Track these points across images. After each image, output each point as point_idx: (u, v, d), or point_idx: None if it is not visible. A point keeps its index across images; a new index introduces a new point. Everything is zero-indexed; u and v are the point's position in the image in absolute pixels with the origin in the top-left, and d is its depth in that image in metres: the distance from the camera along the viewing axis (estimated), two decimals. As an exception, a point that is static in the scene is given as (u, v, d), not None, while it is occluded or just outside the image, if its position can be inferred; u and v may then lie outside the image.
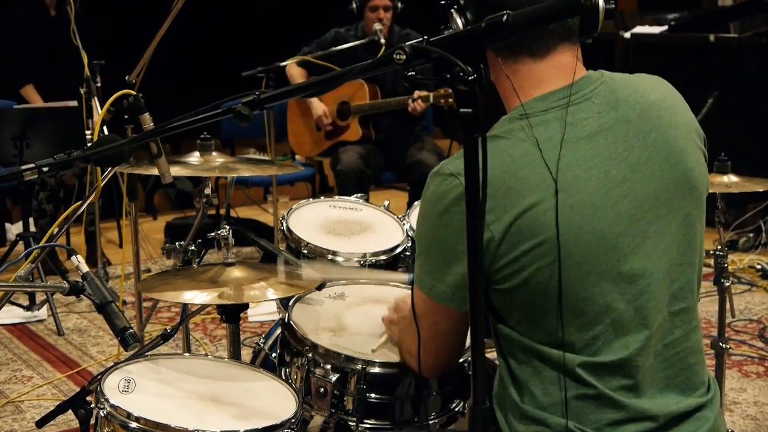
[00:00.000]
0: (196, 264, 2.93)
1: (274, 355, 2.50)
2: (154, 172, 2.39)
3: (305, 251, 2.76)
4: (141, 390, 2.03)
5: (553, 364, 1.72)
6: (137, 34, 3.81)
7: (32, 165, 1.76)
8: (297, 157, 6.49)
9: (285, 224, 2.87)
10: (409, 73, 1.44)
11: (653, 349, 1.75)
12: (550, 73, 1.74)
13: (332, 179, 5.80)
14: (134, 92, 2.24)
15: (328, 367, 2.16)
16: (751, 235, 5.80)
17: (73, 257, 1.92)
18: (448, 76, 1.37)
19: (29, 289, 4.42)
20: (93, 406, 2.00)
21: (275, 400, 2.06)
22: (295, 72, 5.60)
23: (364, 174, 5.47)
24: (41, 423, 2.27)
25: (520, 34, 1.44)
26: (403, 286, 2.60)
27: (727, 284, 3.21)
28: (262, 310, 4.62)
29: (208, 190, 3.14)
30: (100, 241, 5.49)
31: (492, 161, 1.65)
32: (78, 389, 2.11)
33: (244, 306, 2.49)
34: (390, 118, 5.44)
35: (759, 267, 5.39)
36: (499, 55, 1.75)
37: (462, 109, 1.35)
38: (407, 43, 1.40)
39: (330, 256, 2.75)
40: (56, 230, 2.15)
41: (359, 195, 3.21)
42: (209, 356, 2.28)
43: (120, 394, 2.00)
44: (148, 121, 2.23)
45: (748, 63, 5.97)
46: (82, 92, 4.86)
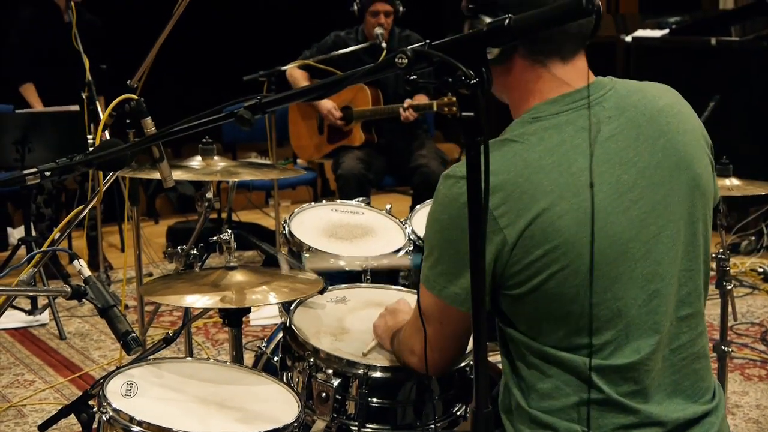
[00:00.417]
0: (198, 268, 2.93)
1: (276, 359, 2.50)
2: (156, 176, 2.39)
3: (307, 255, 2.77)
4: (143, 394, 2.03)
5: (564, 368, 1.72)
6: (139, 38, 3.81)
7: (34, 169, 1.76)
8: (298, 161, 6.49)
9: (287, 228, 2.87)
10: (411, 77, 1.44)
11: (661, 354, 1.75)
12: (572, 76, 1.75)
13: (334, 183, 5.81)
14: (136, 97, 2.24)
15: (330, 371, 2.15)
16: (753, 239, 5.80)
17: (75, 261, 1.92)
18: (450, 80, 1.36)
19: (31, 294, 4.44)
20: (95, 410, 2.00)
21: (277, 405, 2.06)
22: (297, 75, 5.60)
23: (366, 178, 5.47)
24: (44, 427, 2.27)
25: (521, 39, 1.44)
26: (404, 290, 2.60)
27: (729, 287, 3.20)
28: (264, 314, 4.62)
29: (209, 194, 3.14)
30: (102, 245, 5.50)
31: (506, 165, 1.66)
32: (80, 393, 2.11)
33: (246, 310, 2.49)
34: (392, 122, 5.45)
35: (761, 270, 5.39)
36: (531, 56, 1.75)
37: (464, 113, 1.35)
38: (409, 47, 1.40)
39: (332, 260, 2.75)
40: (58, 234, 2.15)
41: (361, 199, 3.21)
42: (211, 360, 2.28)
43: (122, 398, 2.00)
44: (149, 125, 2.23)
45: (750, 66, 5.97)
46: (84, 97, 4.86)
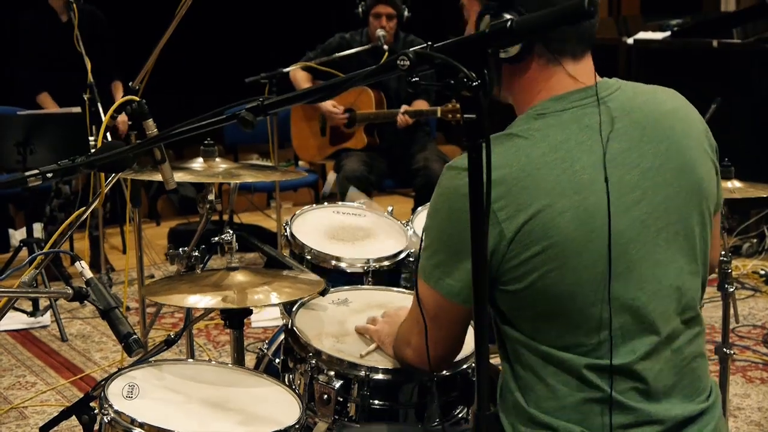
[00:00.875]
0: (200, 269, 2.93)
1: (277, 361, 2.50)
2: (158, 177, 2.39)
3: (309, 257, 2.77)
4: (145, 396, 2.03)
5: (561, 367, 1.72)
6: (140, 40, 3.81)
7: (36, 171, 1.76)
8: (300, 163, 6.49)
9: (288, 230, 2.87)
10: (413, 79, 1.44)
11: (663, 355, 1.75)
12: (582, 75, 1.76)
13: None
14: (138, 98, 2.24)
15: (332, 373, 2.15)
16: (755, 241, 5.79)
17: (77, 263, 1.92)
18: (452, 82, 1.36)
19: (33, 295, 4.43)
20: (97, 411, 2.00)
21: (279, 407, 2.06)
22: (300, 76, 5.60)
23: (368, 180, 5.47)
24: (45, 429, 2.27)
25: (523, 41, 1.44)
26: (406, 292, 2.60)
27: (731, 290, 3.20)
28: (266, 316, 4.62)
29: (211, 196, 3.14)
30: (104, 247, 5.50)
31: (508, 160, 1.66)
32: (82, 395, 2.11)
33: (248, 311, 2.49)
34: (394, 125, 5.45)
35: (762, 272, 5.38)
36: (548, 54, 1.74)
37: (466, 115, 1.35)
38: (411, 49, 1.40)
39: (333, 262, 2.75)
40: (60, 236, 2.15)
41: (362, 201, 3.21)
42: (213, 362, 2.28)
43: (124, 399, 2.00)
44: (151, 127, 2.23)
45: (751, 68, 5.97)
46: (86, 98, 4.86)
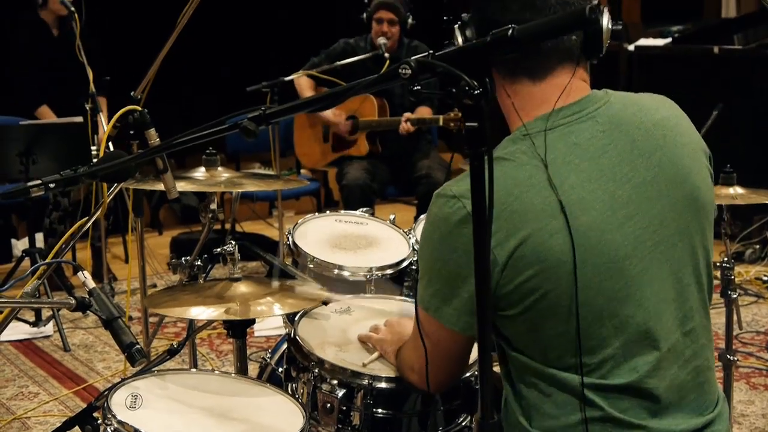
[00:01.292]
0: (202, 279, 2.93)
1: (280, 370, 2.50)
2: (160, 187, 2.39)
3: (311, 266, 2.76)
4: (148, 406, 2.03)
5: (563, 387, 1.70)
6: (142, 49, 3.82)
7: (38, 181, 1.76)
8: (302, 171, 6.49)
9: (291, 239, 2.87)
10: (415, 88, 1.44)
11: (668, 372, 1.73)
12: (550, 94, 1.73)
13: (338, 193, 5.81)
14: (140, 108, 2.24)
15: (335, 382, 2.15)
16: (758, 247, 5.79)
17: (80, 273, 1.92)
18: (454, 90, 1.36)
19: (36, 306, 4.42)
20: (100, 422, 2.00)
21: (282, 416, 2.06)
22: (304, 82, 5.61)
23: (370, 188, 5.47)
24: (48, 439, 2.27)
25: (524, 49, 1.44)
26: (409, 300, 2.60)
27: (734, 296, 3.20)
28: (268, 325, 4.61)
29: (213, 205, 3.14)
30: (106, 257, 5.49)
31: (495, 184, 1.64)
32: (85, 405, 2.10)
33: (251, 321, 2.49)
34: (396, 132, 5.45)
35: (765, 279, 5.35)
36: (499, 74, 1.75)
37: (468, 123, 1.35)
38: (413, 58, 1.40)
39: (336, 271, 2.75)
40: (62, 246, 2.15)
41: (365, 209, 3.21)
42: (216, 371, 2.28)
43: (127, 410, 2.00)
44: (153, 136, 2.23)
45: (752, 74, 5.98)
46: (88, 108, 4.87)
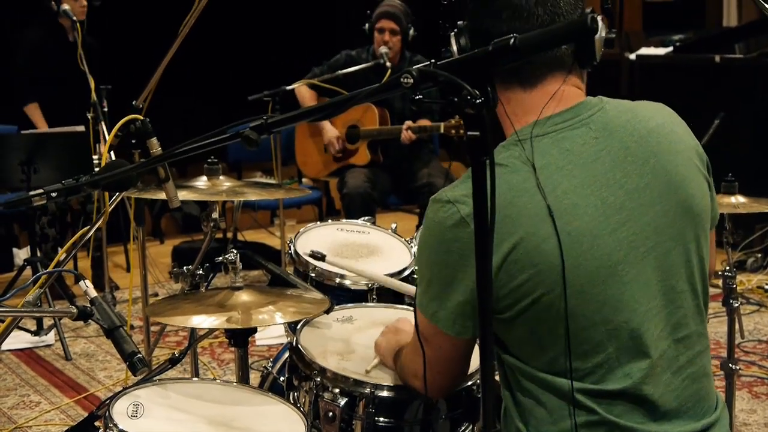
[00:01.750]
0: (204, 288, 2.93)
1: (282, 379, 2.50)
2: (162, 196, 2.40)
3: (313, 275, 2.76)
4: (150, 415, 2.03)
5: (557, 392, 1.71)
6: (144, 58, 3.82)
7: (41, 190, 1.76)
8: (304, 180, 6.50)
9: (293, 247, 2.87)
10: (417, 97, 1.44)
11: (661, 378, 1.73)
12: (541, 102, 1.74)
13: (339, 202, 5.81)
14: (141, 117, 2.24)
15: (337, 391, 2.15)
16: (759, 256, 5.78)
17: (81, 282, 1.92)
18: (456, 99, 1.37)
19: (37, 315, 4.43)
20: (101, 431, 2.00)
21: (284, 425, 2.06)
22: (305, 93, 5.62)
23: (371, 197, 5.47)
24: (49, 449, 2.27)
25: (527, 58, 1.44)
26: (411, 309, 2.60)
27: (736, 305, 3.20)
28: (270, 334, 4.61)
29: (215, 214, 3.14)
30: (108, 266, 5.50)
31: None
32: (86, 414, 2.10)
33: (253, 330, 2.49)
34: (397, 141, 5.46)
35: (767, 287, 5.37)
36: (494, 80, 1.76)
37: (470, 133, 1.35)
38: (414, 67, 1.40)
39: (338, 279, 2.75)
40: (64, 255, 2.15)
41: (366, 218, 3.22)
42: (217, 380, 2.27)
43: (128, 419, 1.99)
44: (155, 145, 2.23)
45: (754, 83, 5.98)
46: (90, 117, 4.87)
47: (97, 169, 1.84)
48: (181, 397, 2.13)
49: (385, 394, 2.13)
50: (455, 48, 1.77)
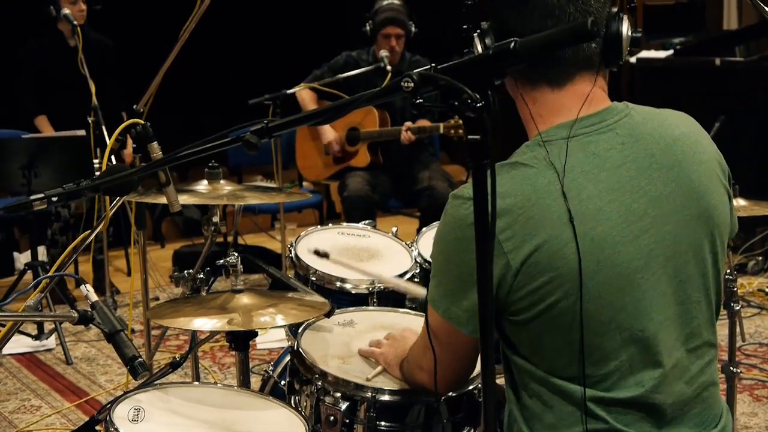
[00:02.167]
0: (205, 292, 2.93)
1: (283, 383, 2.50)
2: (162, 200, 2.40)
3: (313, 278, 2.76)
4: (150, 419, 2.03)
5: (567, 398, 1.70)
6: (145, 62, 3.82)
7: (41, 195, 1.76)
8: (304, 184, 6.50)
9: (293, 251, 2.87)
10: (418, 101, 1.44)
11: (674, 388, 1.73)
12: (569, 102, 1.74)
13: (340, 206, 5.81)
14: (142, 121, 2.24)
15: (338, 395, 2.15)
16: (760, 259, 5.78)
17: (82, 286, 1.92)
18: (457, 103, 1.37)
19: (38, 319, 4.42)
20: (102, 435, 2.00)
21: (285, 429, 2.06)
22: (306, 95, 5.62)
23: (372, 200, 5.47)
24: (50, 453, 2.27)
25: (529, 61, 1.44)
26: (412, 313, 2.60)
27: (737, 308, 3.19)
28: (271, 338, 4.61)
29: (216, 218, 3.14)
30: (109, 270, 5.50)
31: (514, 189, 1.65)
32: (87, 418, 2.10)
33: (253, 333, 2.49)
34: (398, 144, 5.46)
35: (768, 290, 5.37)
36: (518, 81, 1.76)
37: (470, 136, 1.35)
38: (415, 71, 1.41)
39: (338, 283, 2.75)
40: (65, 259, 2.15)
41: (367, 222, 3.22)
42: (218, 384, 2.27)
43: (129, 423, 1.99)
44: (156, 150, 2.23)
45: (755, 86, 5.97)
46: (90, 121, 4.87)
47: (98, 174, 1.84)
48: (182, 402, 2.13)
49: (386, 398, 2.13)
50: (480, 49, 1.75)
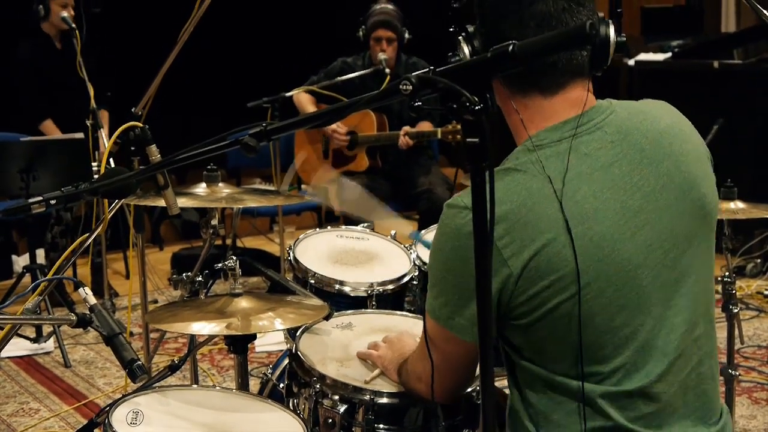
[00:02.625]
0: (203, 295, 2.93)
1: (281, 386, 2.50)
2: (161, 203, 2.40)
3: (312, 281, 2.76)
4: (149, 422, 2.03)
5: (574, 396, 1.71)
6: (143, 65, 3.82)
7: (39, 198, 1.76)
8: (303, 187, 6.49)
9: (292, 254, 2.87)
10: (416, 104, 1.44)
11: (676, 378, 1.74)
12: (560, 108, 1.74)
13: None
14: (141, 124, 2.25)
15: (336, 397, 2.15)
16: (759, 261, 5.78)
17: (81, 289, 1.92)
18: (455, 106, 1.37)
19: (37, 322, 4.43)
20: (101, 438, 2.00)
21: (283, 431, 2.06)
22: (304, 99, 5.62)
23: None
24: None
25: (526, 65, 1.44)
26: (410, 316, 2.60)
27: (736, 311, 3.20)
28: (270, 340, 4.61)
29: (214, 221, 3.14)
30: (107, 273, 5.49)
31: (509, 195, 1.65)
32: (85, 421, 2.10)
33: (252, 336, 2.49)
34: (396, 147, 5.46)
35: (767, 293, 5.37)
36: (508, 88, 1.76)
37: (469, 139, 1.35)
38: (414, 74, 1.40)
39: (337, 286, 2.75)
40: (63, 262, 2.15)
41: (366, 225, 3.22)
42: (217, 387, 2.27)
43: (128, 426, 1.99)
44: (154, 152, 2.23)
45: (753, 89, 5.98)
46: (89, 124, 4.87)
47: (96, 177, 1.84)
48: (180, 404, 2.13)
49: (384, 400, 2.13)
50: (466, 51, 1.76)
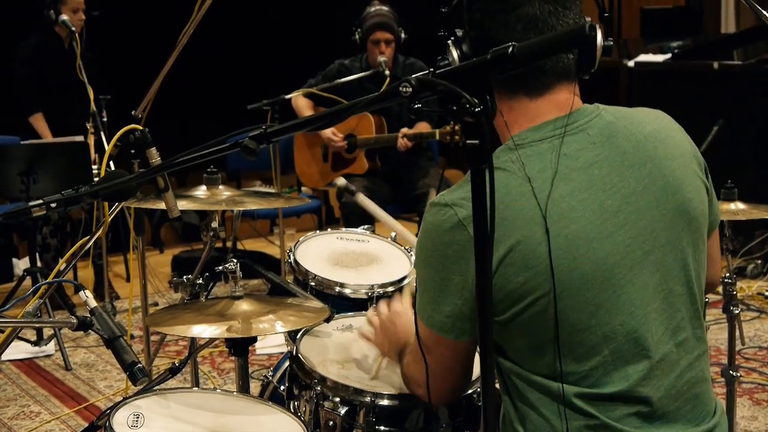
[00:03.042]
0: (204, 297, 2.93)
1: (282, 388, 2.50)
2: (161, 206, 2.40)
3: (313, 283, 2.76)
4: (150, 425, 2.02)
5: (553, 396, 1.71)
6: (143, 68, 3.83)
7: (40, 201, 1.76)
8: (303, 189, 6.50)
9: (292, 257, 2.87)
10: (416, 106, 1.44)
11: (662, 382, 1.73)
12: (545, 110, 1.75)
13: (339, 211, 5.81)
14: (141, 127, 2.25)
15: (337, 399, 2.15)
16: (759, 262, 5.78)
17: (81, 292, 1.92)
18: (455, 108, 1.37)
19: (37, 325, 4.42)
20: (102, 441, 2.00)
21: (284, 434, 2.06)
22: (302, 103, 5.62)
23: (370, 206, 5.46)
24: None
25: (525, 66, 1.45)
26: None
27: (736, 312, 3.20)
28: (270, 343, 4.61)
29: (214, 224, 3.14)
30: (108, 275, 5.50)
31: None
32: (86, 424, 2.10)
33: (253, 339, 2.49)
34: (396, 149, 5.47)
35: (767, 294, 5.37)
36: (495, 89, 1.76)
37: (469, 141, 1.35)
38: (413, 76, 1.41)
39: (338, 288, 2.75)
40: (64, 265, 2.15)
41: (366, 227, 3.22)
42: (218, 390, 2.27)
43: (129, 429, 1.99)
44: (154, 155, 2.23)
45: (753, 90, 5.98)
46: (89, 127, 4.87)
47: (96, 180, 1.84)
48: (181, 407, 2.13)
49: (385, 402, 2.13)
50: (455, 55, 1.77)
